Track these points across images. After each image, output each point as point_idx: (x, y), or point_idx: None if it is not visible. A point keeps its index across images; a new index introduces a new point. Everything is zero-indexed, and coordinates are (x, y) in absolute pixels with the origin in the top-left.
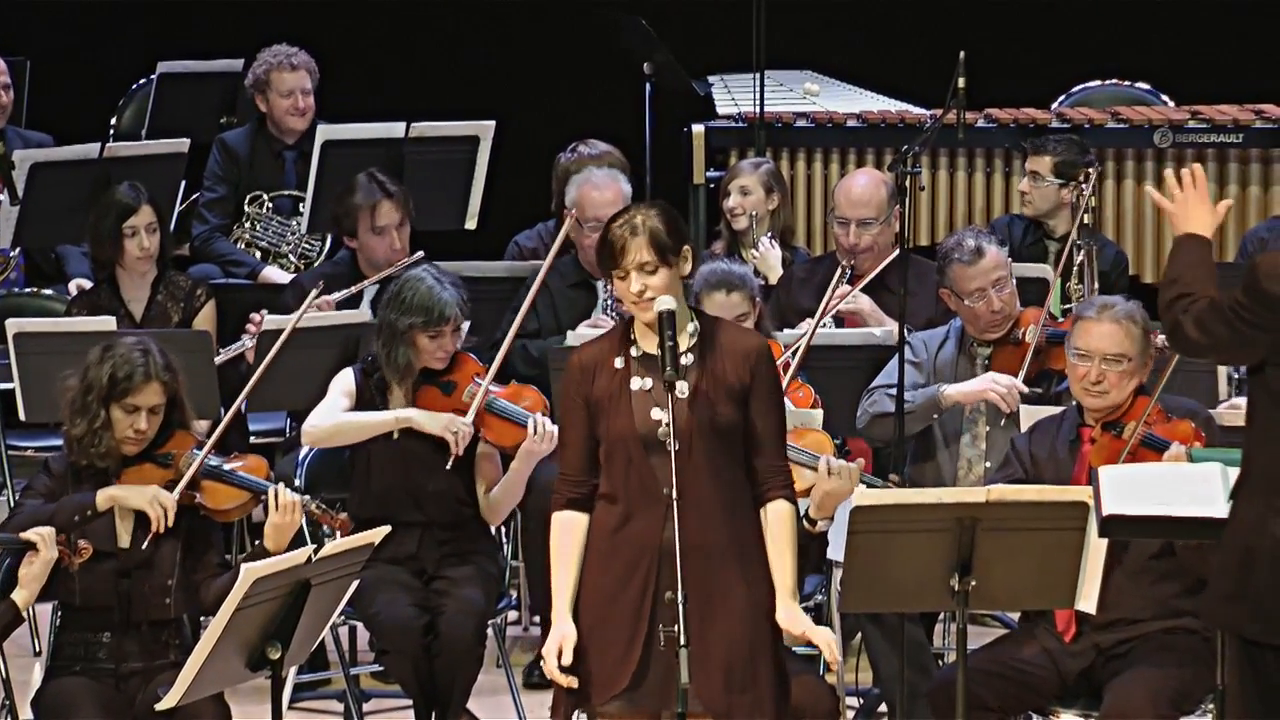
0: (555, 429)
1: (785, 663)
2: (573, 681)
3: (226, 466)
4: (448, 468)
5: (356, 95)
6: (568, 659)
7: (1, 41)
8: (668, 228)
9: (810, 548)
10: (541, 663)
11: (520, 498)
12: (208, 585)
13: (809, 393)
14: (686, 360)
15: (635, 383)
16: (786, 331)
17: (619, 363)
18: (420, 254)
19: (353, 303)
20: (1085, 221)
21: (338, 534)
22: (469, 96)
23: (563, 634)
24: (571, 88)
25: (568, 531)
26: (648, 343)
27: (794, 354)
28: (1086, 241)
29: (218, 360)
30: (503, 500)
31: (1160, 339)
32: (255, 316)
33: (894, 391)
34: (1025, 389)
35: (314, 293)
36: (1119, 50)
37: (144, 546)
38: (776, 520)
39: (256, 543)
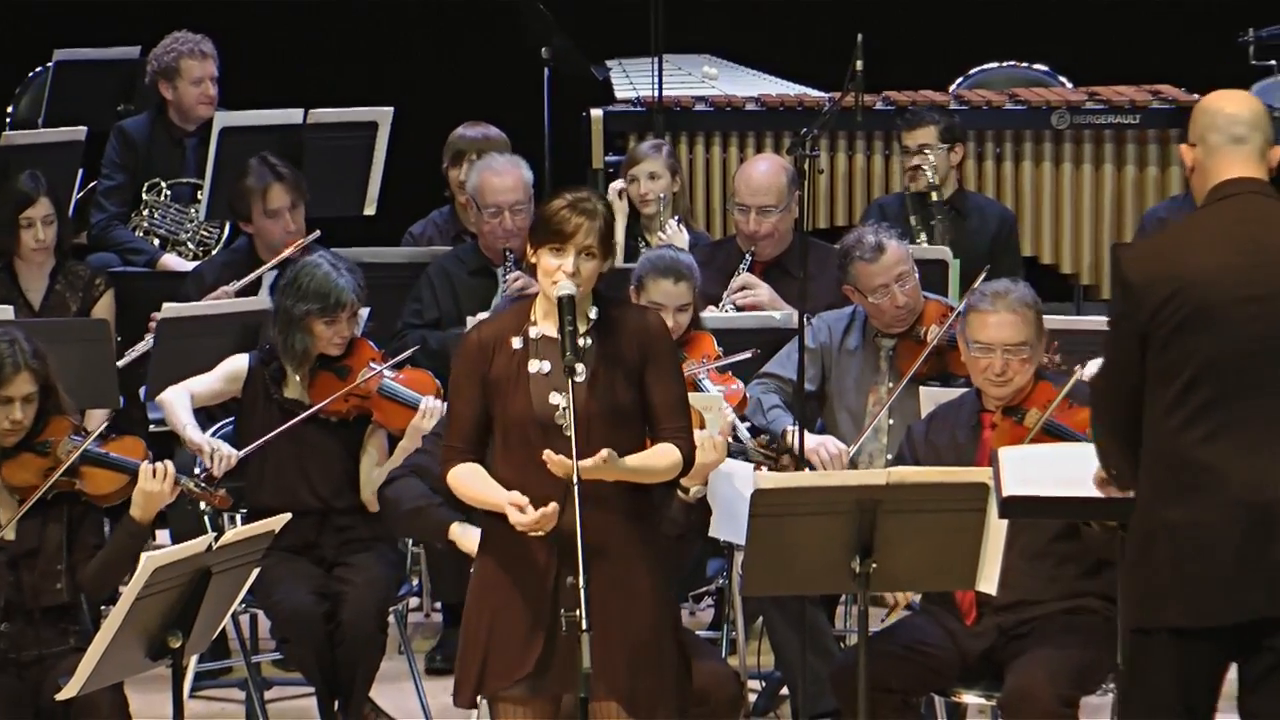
0: (443, 407)
1: (687, 645)
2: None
3: (103, 450)
4: (202, 481)
5: (254, 82)
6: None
7: None
8: (611, 222)
9: (694, 521)
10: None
11: None
12: (83, 566)
13: (740, 390)
14: (585, 343)
15: (533, 365)
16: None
17: (517, 343)
18: (316, 233)
19: (251, 289)
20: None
21: (239, 517)
22: (367, 82)
23: (512, 498)
24: (470, 73)
25: (471, 472)
26: (547, 325)
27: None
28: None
29: (122, 362)
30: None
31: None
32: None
33: (768, 397)
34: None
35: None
36: (1016, 32)
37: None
38: (658, 447)
39: (125, 514)
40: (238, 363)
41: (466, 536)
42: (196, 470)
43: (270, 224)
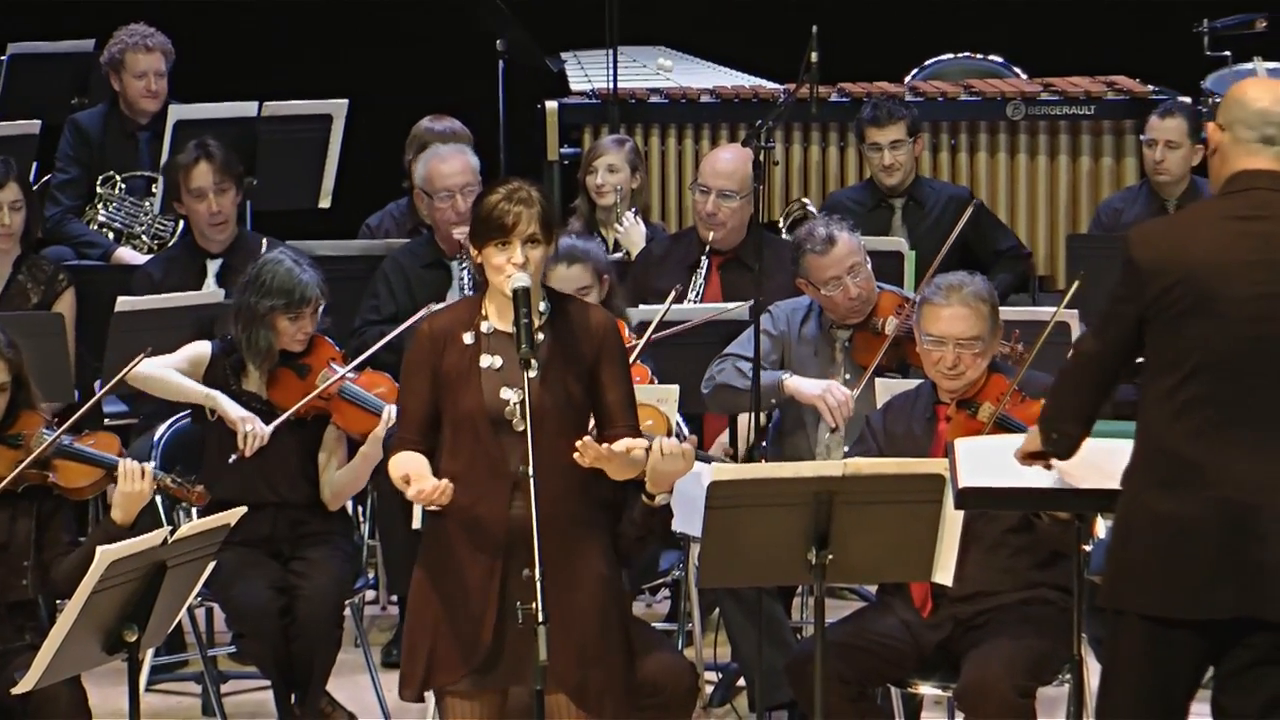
0: None
1: (634, 637)
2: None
3: (79, 444)
4: (229, 461)
5: (209, 74)
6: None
7: None
8: (550, 206)
9: (654, 525)
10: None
11: (364, 484)
12: (58, 564)
13: (645, 372)
14: (538, 338)
15: (485, 360)
16: (642, 308)
17: (469, 338)
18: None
19: (195, 282)
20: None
21: (194, 511)
22: (322, 75)
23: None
24: (425, 65)
25: (405, 457)
26: (498, 319)
27: (640, 332)
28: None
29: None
30: (346, 484)
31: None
32: None
33: (742, 364)
34: (850, 412)
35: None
36: (971, 24)
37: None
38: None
39: (105, 515)
40: (201, 348)
41: None
42: (152, 463)
43: (194, 204)
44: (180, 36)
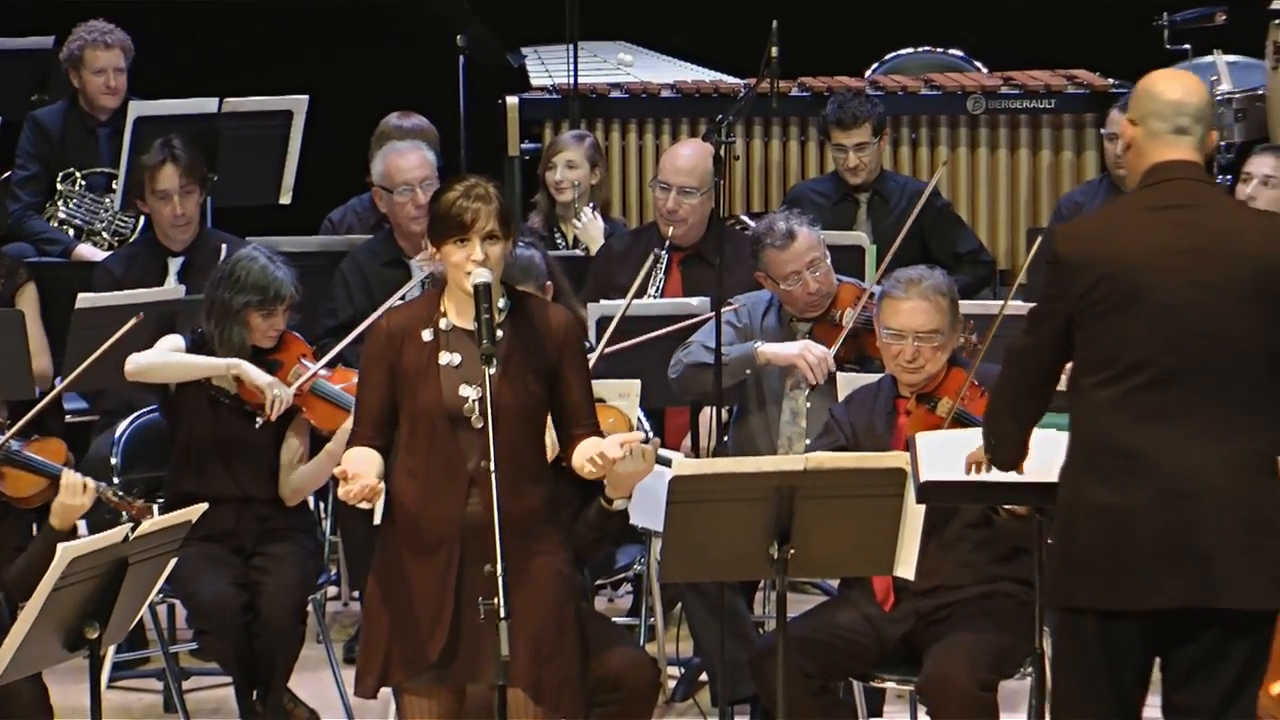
0: None
1: (589, 631)
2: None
3: (27, 451)
4: (256, 426)
5: (169, 71)
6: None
7: None
8: (508, 202)
9: (610, 527)
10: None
11: (324, 481)
12: (7, 569)
13: None
14: (497, 335)
15: (444, 357)
16: (603, 303)
17: (427, 335)
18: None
19: (156, 279)
20: None
21: (155, 507)
22: (282, 71)
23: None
24: (385, 61)
25: (359, 454)
26: (457, 316)
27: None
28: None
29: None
30: (307, 481)
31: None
32: None
33: (709, 343)
34: (833, 367)
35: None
36: (932, 18)
37: None
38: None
39: (45, 522)
40: (176, 340)
41: None
42: (114, 460)
43: (159, 205)
44: (140, 33)
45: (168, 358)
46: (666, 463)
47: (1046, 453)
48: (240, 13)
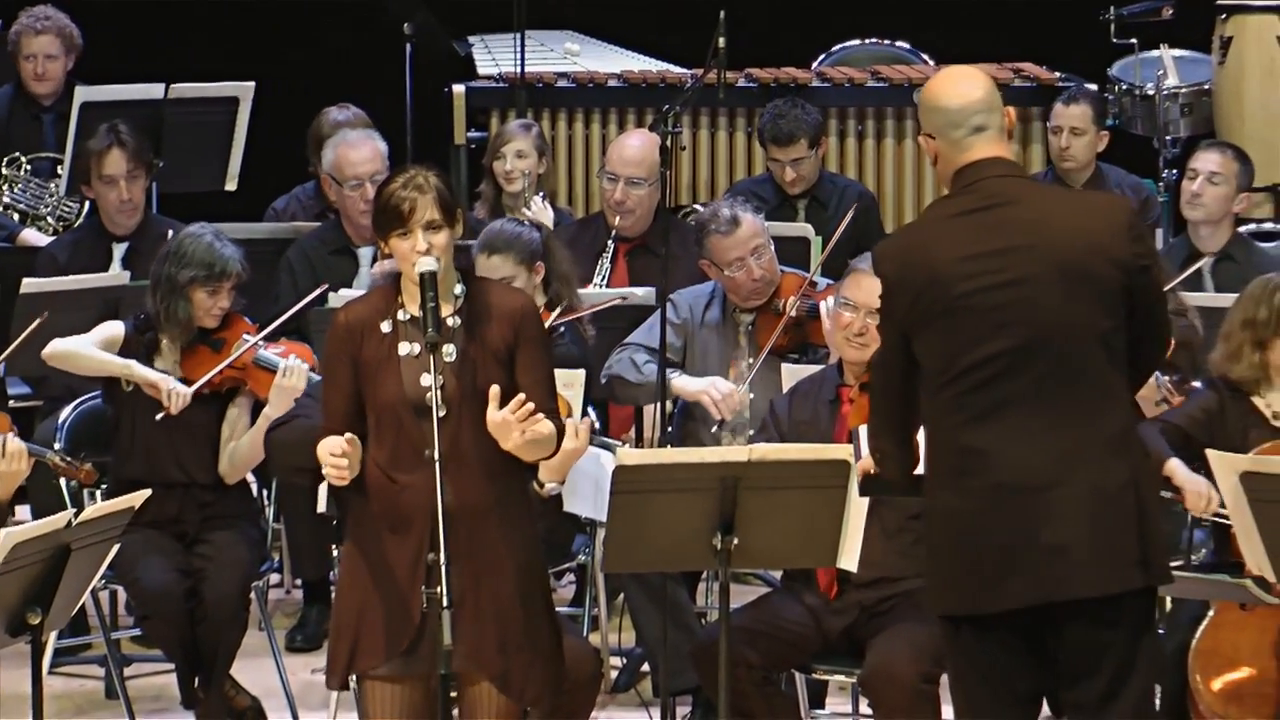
0: (306, 368)
1: (559, 621)
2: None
3: None
4: (157, 418)
5: (116, 56)
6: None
7: None
8: (448, 188)
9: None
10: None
11: (261, 454)
12: None
13: None
14: (453, 323)
15: (404, 348)
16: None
17: (386, 326)
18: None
19: (101, 264)
20: None
21: (86, 492)
22: (229, 57)
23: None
24: (332, 48)
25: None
26: (413, 306)
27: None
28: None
29: None
30: (244, 454)
31: None
32: None
33: (639, 355)
34: (742, 404)
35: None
36: (879, 10)
37: None
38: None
39: None
40: (114, 328)
41: None
42: (58, 445)
43: (105, 190)
44: (87, 18)
45: (77, 349)
46: (611, 449)
47: None
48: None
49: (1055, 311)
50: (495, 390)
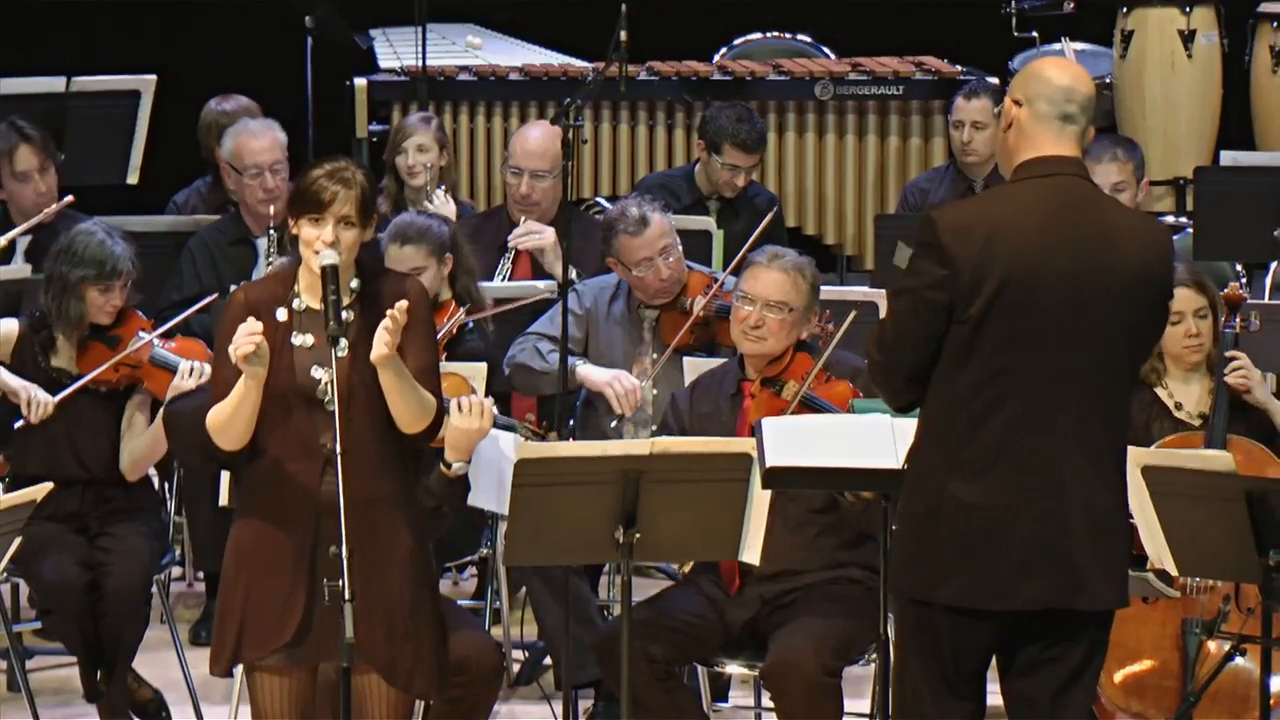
0: (208, 369)
1: (444, 613)
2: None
3: None
4: (14, 427)
5: (16, 49)
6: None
7: None
8: (372, 191)
9: (450, 495)
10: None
11: (162, 450)
12: None
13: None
14: (348, 316)
15: (296, 338)
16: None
17: (281, 315)
18: (69, 198)
19: (3, 258)
20: None
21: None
22: (130, 50)
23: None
24: (233, 41)
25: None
26: (309, 296)
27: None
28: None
29: None
30: (143, 451)
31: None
32: None
33: (542, 344)
34: (644, 399)
35: None
36: (780, 3)
37: None
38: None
39: None
40: (7, 325)
41: None
42: None
43: (19, 187)
44: None
45: None
46: (514, 429)
47: (880, 438)
48: None
49: (1102, 331)
50: (402, 305)
